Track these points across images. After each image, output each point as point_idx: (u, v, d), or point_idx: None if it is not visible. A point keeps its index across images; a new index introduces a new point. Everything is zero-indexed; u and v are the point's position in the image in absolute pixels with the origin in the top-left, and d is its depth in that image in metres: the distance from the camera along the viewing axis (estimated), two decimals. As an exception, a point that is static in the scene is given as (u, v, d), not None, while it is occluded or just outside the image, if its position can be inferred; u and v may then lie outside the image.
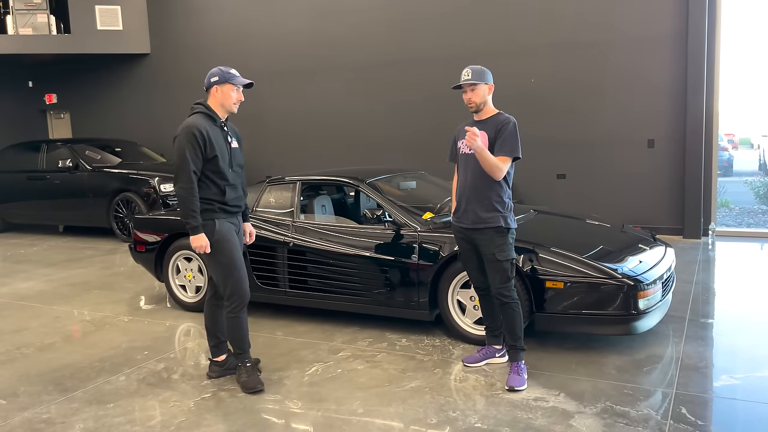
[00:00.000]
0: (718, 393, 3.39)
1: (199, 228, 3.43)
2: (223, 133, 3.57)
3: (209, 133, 3.46)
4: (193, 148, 3.40)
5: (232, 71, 3.55)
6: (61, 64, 12.04)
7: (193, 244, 3.45)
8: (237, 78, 3.55)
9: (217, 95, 3.54)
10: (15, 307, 5.62)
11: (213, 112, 3.55)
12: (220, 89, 3.53)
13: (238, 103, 3.59)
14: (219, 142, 3.51)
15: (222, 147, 3.52)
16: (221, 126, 3.58)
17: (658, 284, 3.95)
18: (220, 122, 3.57)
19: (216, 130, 3.53)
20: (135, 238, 5.49)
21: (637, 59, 7.69)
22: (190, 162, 3.39)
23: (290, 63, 9.61)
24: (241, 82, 3.55)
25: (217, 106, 3.56)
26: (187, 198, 3.41)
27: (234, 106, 3.57)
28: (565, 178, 8.24)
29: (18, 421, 3.31)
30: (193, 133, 3.41)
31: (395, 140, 9.19)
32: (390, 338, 4.37)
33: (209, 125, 3.50)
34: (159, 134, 11.35)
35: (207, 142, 3.43)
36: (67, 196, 9.14)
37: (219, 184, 3.50)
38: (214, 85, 3.53)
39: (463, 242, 3.69)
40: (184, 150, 3.40)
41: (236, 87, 3.54)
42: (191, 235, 3.45)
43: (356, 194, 5.65)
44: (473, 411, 3.24)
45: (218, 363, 3.80)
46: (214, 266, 3.57)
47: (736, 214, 10.47)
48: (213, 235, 3.49)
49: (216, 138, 3.50)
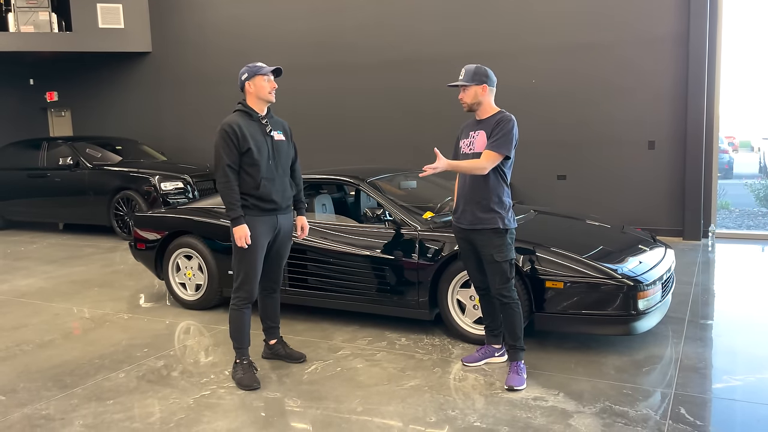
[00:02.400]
0: (716, 394, 3.39)
1: (240, 219, 3.52)
2: (262, 127, 3.64)
3: (243, 129, 3.55)
4: (225, 144, 3.52)
5: (258, 64, 3.66)
6: (62, 62, 12.05)
7: (234, 235, 3.53)
8: (264, 68, 3.64)
9: (251, 90, 3.63)
10: (15, 303, 5.63)
11: (249, 109, 3.64)
12: (252, 84, 3.62)
13: (273, 91, 3.67)
14: (255, 136, 3.59)
15: (259, 141, 3.59)
16: (258, 120, 3.64)
17: (658, 285, 3.95)
18: (257, 116, 3.64)
19: (253, 124, 3.61)
20: (135, 236, 5.49)
21: (638, 61, 7.70)
22: (224, 157, 3.52)
23: (291, 61, 9.61)
24: (268, 71, 3.64)
25: (253, 101, 3.65)
26: (225, 192, 3.54)
27: (270, 95, 3.65)
28: (565, 179, 8.25)
29: (17, 417, 3.32)
30: (225, 129, 3.54)
31: (396, 140, 9.19)
32: (389, 337, 4.38)
33: (245, 121, 3.60)
34: (160, 133, 11.37)
35: (240, 136, 3.53)
36: (67, 194, 9.14)
37: (255, 177, 3.57)
38: (246, 81, 3.63)
39: (462, 242, 3.70)
40: (218, 147, 3.54)
41: (266, 76, 3.62)
42: (233, 227, 3.53)
43: (357, 193, 5.65)
44: (472, 410, 3.25)
45: (269, 346, 4.03)
46: (233, 257, 3.66)
47: (736, 216, 10.48)
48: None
49: (252, 132, 3.58)
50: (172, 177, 8.64)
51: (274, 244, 3.74)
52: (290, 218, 3.82)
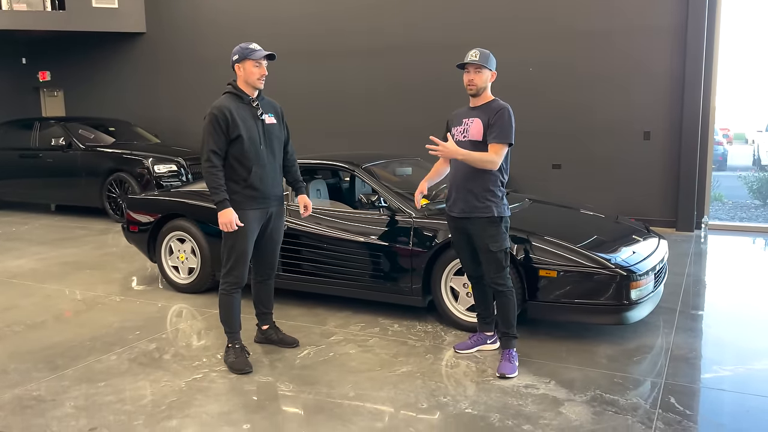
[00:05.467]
0: (706, 384, 3.42)
1: (225, 203, 3.46)
2: (252, 110, 3.57)
3: (233, 113, 3.48)
4: (213, 128, 3.46)
5: (251, 46, 3.54)
6: (55, 41, 11.90)
7: (219, 220, 3.47)
8: (256, 52, 3.52)
9: (241, 73, 3.54)
10: (6, 284, 5.60)
11: (240, 91, 3.57)
12: (242, 67, 3.53)
13: (263, 78, 3.57)
14: (246, 120, 3.52)
15: (250, 125, 3.53)
16: (249, 103, 3.57)
17: (651, 275, 3.97)
18: (248, 99, 3.57)
19: (243, 107, 3.55)
20: (128, 218, 5.46)
21: (635, 50, 7.67)
22: (210, 142, 3.46)
23: (287, 45, 9.53)
24: (260, 56, 3.52)
25: (243, 83, 3.57)
26: (209, 176, 3.48)
27: (259, 82, 3.56)
28: (560, 168, 8.25)
29: (8, 398, 3.31)
30: (214, 114, 3.47)
31: (392, 126, 9.15)
32: (382, 323, 4.38)
33: (236, 105, 3.52)
34: (154, 114, 11.27)
35: (229, 121, 3.46)
36: (59, 175, 9.08)
37: (245, 164, 3.52)
38: (236, 63, 3.55)
39: (455, 231, 3.68)
40: (206, 131, 3.49)
41: (257, 62, 3.52)
42: (218, 211, 3.47)
43: (351, 179, 5.64)
44: (464, 396, 3.26)
45: (262, 331, 4.02)
46: (222, 241, 3.61)
47: (729, 208, 10.53)
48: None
49: (243, 116, 3.51)
50: (165, 160, 8.59)
51: (266, 229, 3.71)
52: (281, 202, 3.79)
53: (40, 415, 3.12)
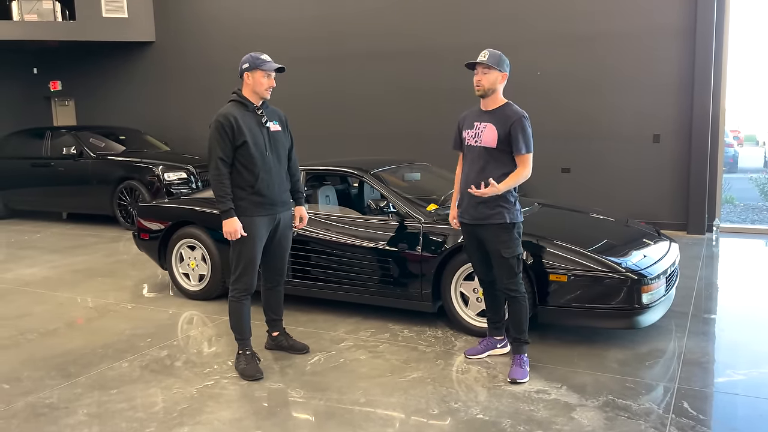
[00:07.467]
0: (719, 388, 3.39)
1: (230, 212, 3.50)
2: (257, 117, 3.61)
3: (238, 121, 3.51)
4: (220, 136, 3.49)
5: (262, 57, 3.59)
6: (66, 51, 12.02)
7: (223, 228, 3.51)
8: (267, 63, 3.57)
9: (249, 82, 3.59)
10: (19, 292, 5.64)
11: (245, 99, 3.61)
12: (251, 76, 3.57)
13: (270, 89, 3.63)
14: (252, 128, 3.56)
15: (255, 132, 3.56)
16: (254, 111, 3.61)
17: (662, 279, 3.94)
18: (252, 108, 3.61)
19: (248, 115, 3.58)
20: (139, 226, 5.49)
21: (644, 53, 7.64)
22: (217, 149, 3.50)
23: (295, 51, 9.57)
24: (271, 68, 3.58)
25: (249, 92, 3.61)
26: (216, 184, 3.52)
27: (266, 92, 3.62)
28: (569, 172, 8.22)
29: (22, 406, 3.33)
30: (220, 121, 3.51)
31: (400, 132, 9.16)
32: (392, 329, 4.38)
33: (241, 112, 3.56)
34: (163, 122, 11.34)
35: (235, 129, 3.50)
36: (70, 184, 9.15)
37: (252, 170, 3.55)
38: (246, 71, 3.58)
39: (467, 236, 3.67)
40: (212, 139, 3.52)
41: (267, 73, 3.57)
42: (222, 220, 3.50)
43: (360, 185, 5.64)
44: (475, 402, 3.25)
45: (272, 337, 4.03)
46: (231, 248, 3.64)
47: (741, 211, 10.45)
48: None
49: (248, 124, 3.55)
50: (175, 167, 8.64)
51: (274, 235, 3.73)
52: (289, 208, 3.81)
53: (53, 423, 3.14)
